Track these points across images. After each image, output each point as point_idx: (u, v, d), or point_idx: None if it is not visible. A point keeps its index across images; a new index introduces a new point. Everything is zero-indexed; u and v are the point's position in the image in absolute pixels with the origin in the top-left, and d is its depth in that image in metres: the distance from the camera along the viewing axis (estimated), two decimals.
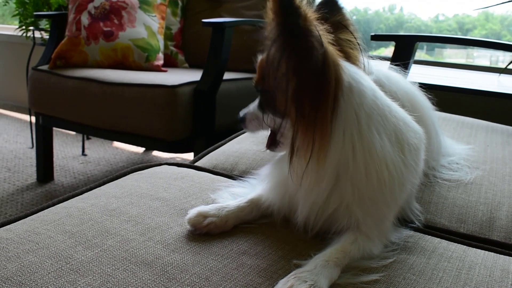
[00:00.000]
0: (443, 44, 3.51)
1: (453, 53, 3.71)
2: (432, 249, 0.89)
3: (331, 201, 0.82)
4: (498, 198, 1.12)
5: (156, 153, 3.40)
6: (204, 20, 2.22)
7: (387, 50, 3.48)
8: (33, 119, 2.82)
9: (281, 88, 0.77)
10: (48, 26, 3.39)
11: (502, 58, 3.44)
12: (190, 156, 2.87)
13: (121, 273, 0.72)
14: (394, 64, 1.17)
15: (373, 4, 3.95)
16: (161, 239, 0.82)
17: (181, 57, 2.88)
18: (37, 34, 3.51)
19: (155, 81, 2.17)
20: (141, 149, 3.43)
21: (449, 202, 1.09)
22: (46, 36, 3.38)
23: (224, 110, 2.24)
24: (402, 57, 2.13)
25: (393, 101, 0.91)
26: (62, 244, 0.79)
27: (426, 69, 3.05)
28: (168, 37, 2.84)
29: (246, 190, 0.98)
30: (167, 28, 2.83)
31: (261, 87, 0.89)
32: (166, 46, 2.80)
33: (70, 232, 0.82)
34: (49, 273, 0.71)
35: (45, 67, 2.54)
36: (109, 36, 2.52)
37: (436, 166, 1.19)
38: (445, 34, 3.42)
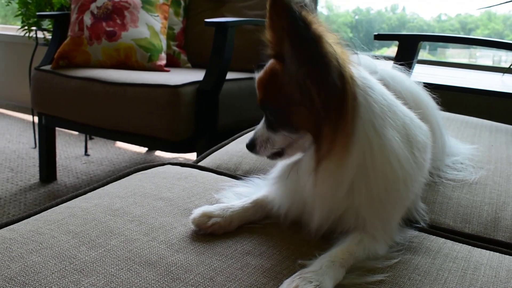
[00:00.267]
0: (446, 44, 3.50)
1: (456, 53, 3.70)
2: (437, 250, 0.88)
3: (344, 204, 0.82)
4: (503, 198, 1.11)
5: (159, 153, 3.40)
6: (207, 20, 2.22)
7: (390, 50, 3.48)
8: (36, 119, 2.82)
9: (306, 101, 0.76)
10: (51, 26, 3.39)
11: (505, 58, 3.43)
12: (193, 156, 2.87)
13: (125, 273, 0.72)
14: (398, 64, 1.17)
15: (376, 4, 3.95)
16: (165, 239, 0.82)
17: (184, 57, 2.88)
18: (40, 34, 3.51)
19: (158, 81, 2.17)
20: (144, 149, 3.43)
21: (454, 202, 1.09)
22: (49, 36, 3.39)
23: (227, 110, 2.23)
24: (406, 57, 2.12)
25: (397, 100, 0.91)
26: (66, 244, 0.78)
27: (430, 69, 3.04)
28: (171, 37, 2.84)
29: (250, 190, 0.97)
30: (170, 28, 2.82)
31: (271, 106, 0.84)
32: (169, 46, 2.80)
33: (74, 232, 0.82)
34: (53, 273, 0.70)
35: (48, 67, 2.54)
36: (112, 36, 2.52)
37: (441, 166, 1.19)
38: (449, 34, 3.41)
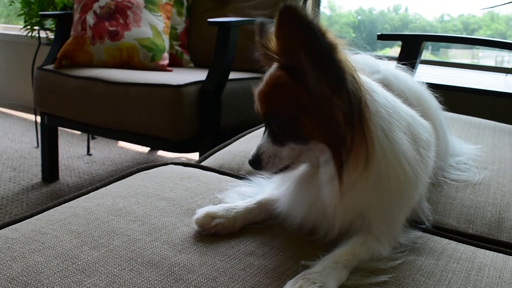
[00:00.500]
0: (448, 44, 3.50)
1: (458, 53, 3.69)
2: (441, 250, 0.88)
3: (357, 209, 0.81)
4: (507, 199, 1.11)
5: (161, 153, 3.40)
6: (210, 20, 2.21)
7: (392, 50, 3.47)
8: (39, 119, 2.82)
9: (321, 111, 0.75)
10: (54, 26, 3.39)
11: (508, 59, 3.43)
12: (195, 156, 2.87)
13: (128, 274, 0.71)
14: (401, 64, 1.17)
15: (378, 4, 3.94)
16: (168, 239, 0.82)
17: (187, 57, 2.87)
18: (43, 34, 3.52)
19: (161, 81, 2.17)
20: (146, 149, 3.43)
21: (458, 203, 1.08)
22: (52, 36, 3.39)
23: (230, 110, 2.23)
24: (409, 57, 2.12)
25: (398, 99, 0.91)
26: (68, 244, 0.78)
27: (433, 69, 3.03)
28: (174, 37, 2.83)
29: (254, 190, 0.97)
30: (173, 28, 2.82)
31: (278, 118, 0.81)
32: (172, 46, 2.80)
33: (76, 232, 0.82)
34: (55, 273, 0.70)
35: (51, 67, 2.54)
36: (115, 36, 2.52)
37: (444, 166, 1.18)
38: (452, 34, 3.41)
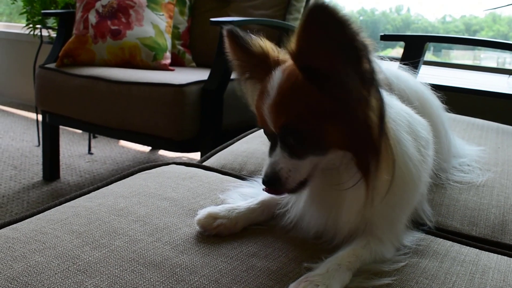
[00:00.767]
0: (450, 45, 3.49)
1: (460, 55, 3.69)
2: (445, 253, 0.87)
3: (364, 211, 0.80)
4: (510, 201, 1.10)
5: (162, 152, 3.39)
6: (212, 19, 2.21)
7: (394, 51, 3.46)
8: (40, 117, 2.82)
9: (350, 116, 0.71)
10: (56, 24, 3.39)
11: (509, 60, 3.42)
12: (197, 156, 2.86)
13: (129, 274, 0.71)
14: (403, 64, 1.16)
15: (380, 5, 3.94)
16: (170, 240, 0.81)
17: (189, 56, 2.87)
18: (45, 32, 3.51)
19: (163, 80, 2.16)
20: (147, 148, 3.42)
21: (461, 205, 1.08)
22: (54, 34, 3.39)
23: (232, 110, 2.22)
24: (412, 58, 2.11)
25: (398, 98, 0.91)
26: (69, 244, 0.77)
27: (435, 70, 3.03)
28: (176, 36, 2.83)
29: (256, 191, 0.96)
30: (175, 27, 2.82)
31: (298, 129, 0.74)
32: (174, 45, 2.79)
33: (77, 232, 0.81)
34: (56, 274, 0.70)
35: (52, 65, 2.54)
36: (117, 35, 2.51)
37: (448, 168, 1.18)
38: (455, 35, 3.40)
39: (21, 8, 3.50)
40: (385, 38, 2.33)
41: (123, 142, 3.54)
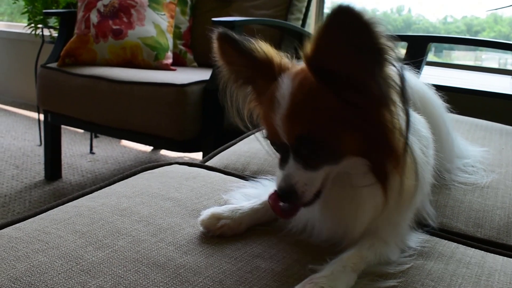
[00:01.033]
0: (452, 46, 3.49)
1: (462, 55, 3.68)
2: (450, 255, 0.86)
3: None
4: None
5: (164, 152, 3.39)
6: (214, 19, 2.20)
7: None
8: (42, 117, 2.82)
9: (376, 119, 0.69)
10: (57, 24, 3.38)
11: (511, 61, 3.41)
12: (198, 156, 2.86)
13: (133, 275, 0.70)
14: (405, 64, 1.15)
15: (381, 5, 3.93)
16: (173, 240, 0.80)
17: (190, 56, 2.87)
18: (46, 32, 3.51)
19: (164, 80, 2.16)
20: (149, 148, 3.42)
21: (466, 206, 1.07)
22: (55, 34, 3.38)
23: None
24: (414, 58, 2.10)
25: None
26: (72, 244, 0.77)
27: (436, 71, 3.02)
28: (177, 36, 2.83)
29: (259, 191, 0.95)
30: (176, 27, 2.81)
31: (316, 139, 0.70)
32: (175, 45, 2.79)
33: (81, 232, 0.81)
34: (59, 274, 0.69)
35: (54, 65, 2.53)
36: (118, 34, 2.51)
37: (451, 168, 1.17)
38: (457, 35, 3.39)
39: (23, 8, 3.50)
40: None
41: (125, 142, 3.53)
